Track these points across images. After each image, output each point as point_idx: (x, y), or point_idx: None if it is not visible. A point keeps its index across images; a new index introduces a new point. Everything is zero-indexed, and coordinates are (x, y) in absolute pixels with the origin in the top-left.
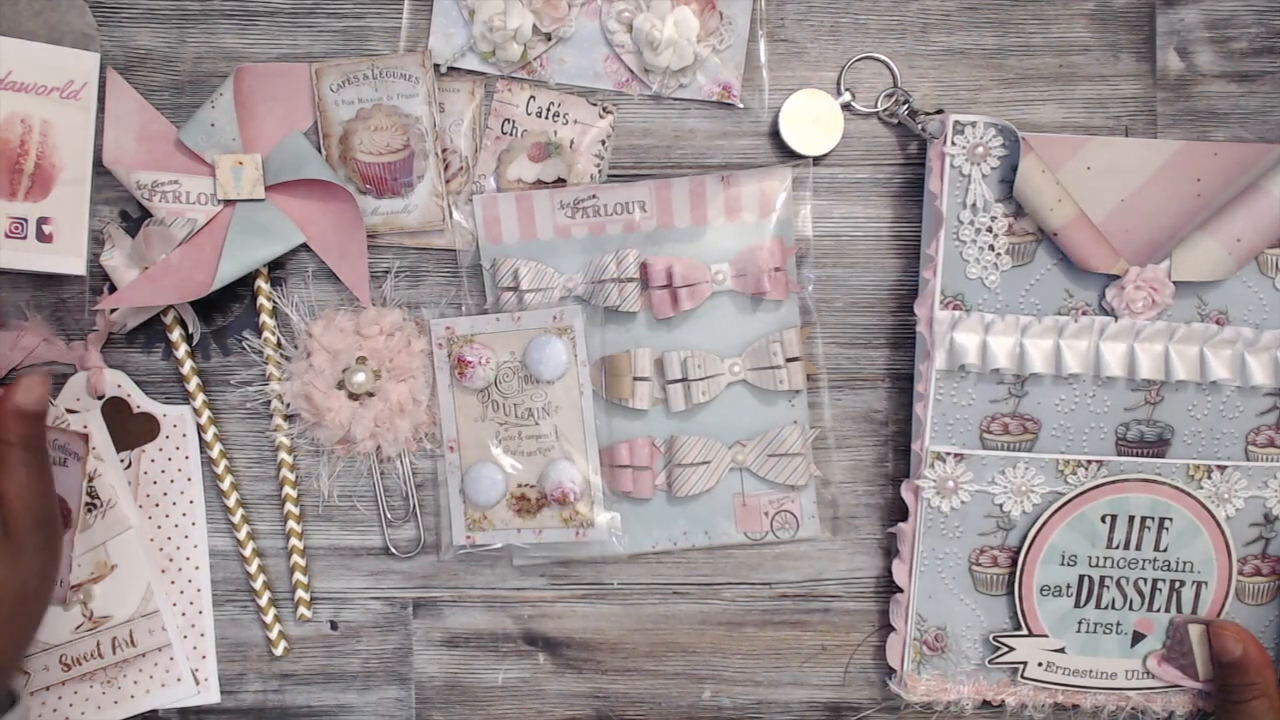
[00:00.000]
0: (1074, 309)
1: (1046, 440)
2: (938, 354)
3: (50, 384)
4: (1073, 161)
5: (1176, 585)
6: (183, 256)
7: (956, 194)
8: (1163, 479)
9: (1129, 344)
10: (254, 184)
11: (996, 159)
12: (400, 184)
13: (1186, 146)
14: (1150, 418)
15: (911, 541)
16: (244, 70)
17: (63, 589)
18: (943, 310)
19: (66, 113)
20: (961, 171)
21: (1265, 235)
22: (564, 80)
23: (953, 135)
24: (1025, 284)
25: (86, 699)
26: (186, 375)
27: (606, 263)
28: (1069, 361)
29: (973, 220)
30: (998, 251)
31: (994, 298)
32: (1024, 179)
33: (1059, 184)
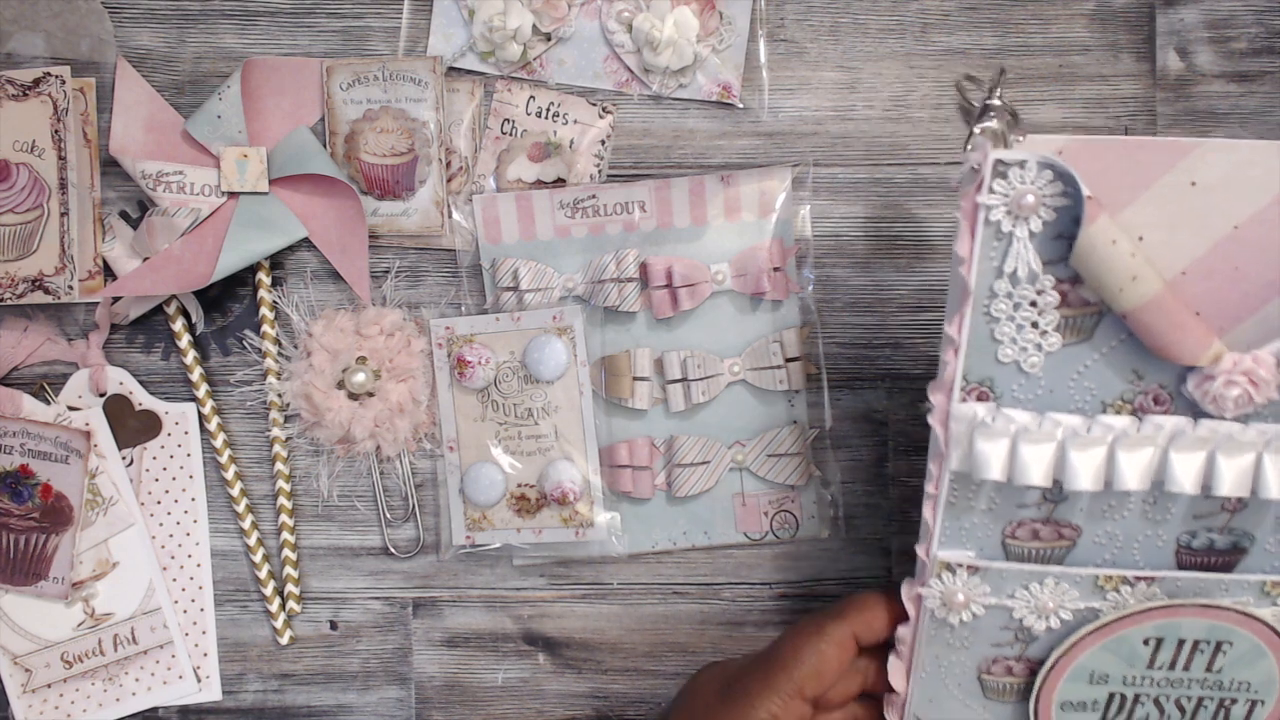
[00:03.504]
0: (1143, 395)
1: (1087, 548)
2: (953, 457)
3: None
4: (1172, 174)
5: (1227, 703)
6: (184, 247)
7: (991, 258)
8: (1226, 604)
9: (1209, 452)
10: (258, 177)
11: (1051, 210)
12: (402, 187)
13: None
14: (1227, 525)
15: (911, 646)
16: (252, 63)
17: (64, 586)
18: (963, 403)
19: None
20: (1000, 229)
21: None
22: (564, 80)
23: (991, 180)
24: (1078, 366)
25: (88, 696)
26: (189, 365)
27: (606, 263)
28: (1126, 477)
29: (1011, 293)
30: (1043, 329)
31: (1033, 384)
32: (1086, 251)
33: (1135, 254)
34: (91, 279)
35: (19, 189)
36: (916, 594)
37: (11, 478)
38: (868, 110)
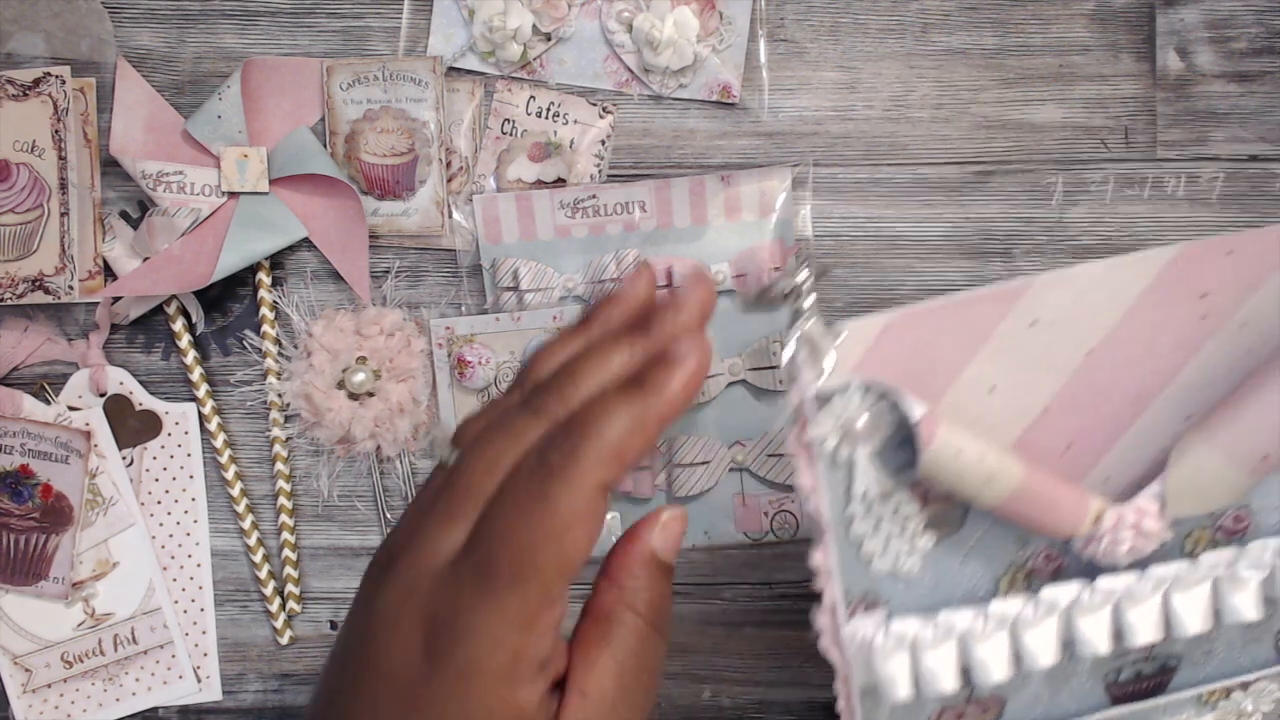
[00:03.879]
0: (1033, 558)
1: (1016, 712)
2: (856, 678)
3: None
4: (1009, 321)
5: None
6: (184, 247)
7: (838, 483)
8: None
9: (1114, 607)
10: (258, 177)
11: (887, 425)
12: (402, 188)
13: (1187, 250)
14: (1150, 653)
15: None
16: (252, 63)
17: (64, 586)
18: (848, 622)
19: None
20: (838, 457)
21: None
22: (564, 80)
23: (816, 414)
24: (959, 554)
25: (88, 696)
26: (189, 365)
27: (606, 263)
28: (1037, 657)
29: (869, 511)
30: (911, 533)
31: (917, 584)
32: (933, 471)
33: (984, 457)
34: (91, 279)
35: (19, 189)
36: None
37: (11, 478)
38: (868, 110)
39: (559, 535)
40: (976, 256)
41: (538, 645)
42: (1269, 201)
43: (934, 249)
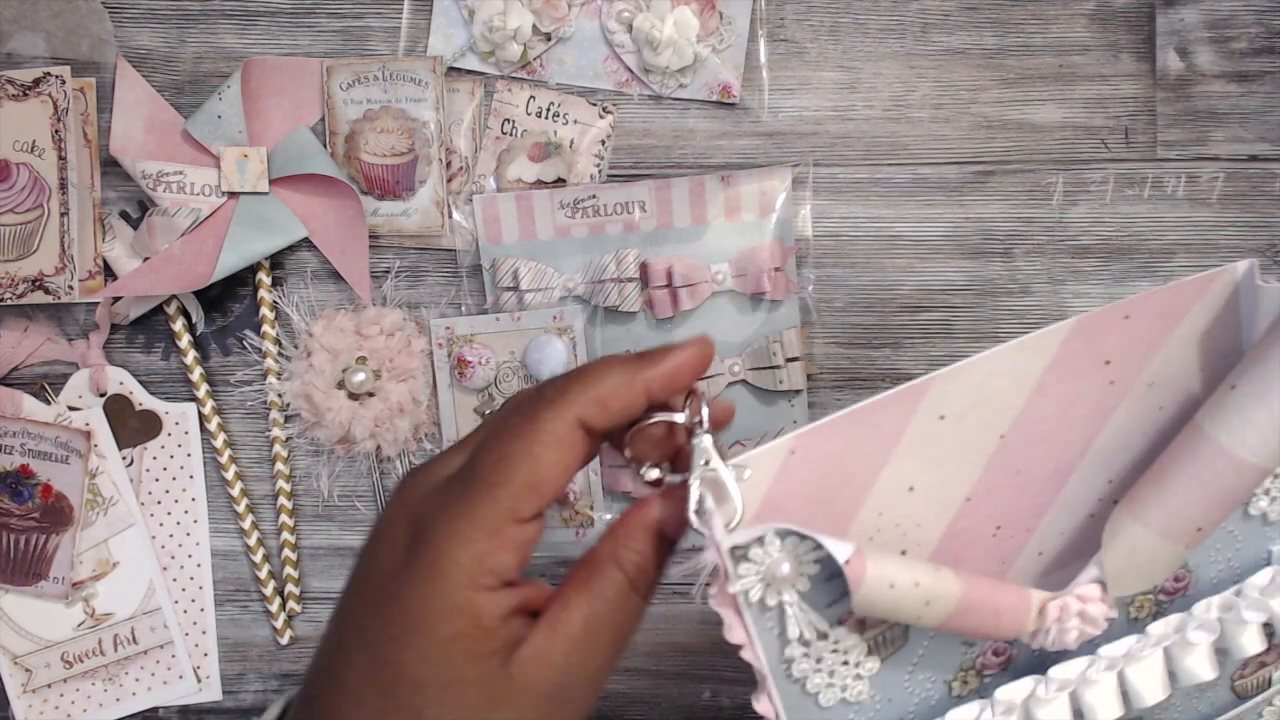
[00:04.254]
0: (980, 656)
1: None
2: None
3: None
4: (916, 420)
5: None
6: (184, 247)
7: (771, 629)
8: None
9: (1070, 694)
10: (258, 177)
11: (812, 565)
12: (402, 187)
13: (1084, 323)
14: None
15: None
16: (252, 63)
17: (64, 586)
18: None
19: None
20: (766, 604)
21: (1236, 507)
22: (564, 80)
23: (735, 570)
24: (905, 669)
25: (88, 696)
26: (189, 365)
27: (606, 263)
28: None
29: (806, 653)
30: (854, 662)
31: (868, 709)
32: (868, 608)
33: (920, 581)
34: (91, 279)
35: (19, 189)
36: None
37: (11, 478)
38: (868, 110)
39: (535, 453)
40: (976, 256)
41: (501, 557)
42: (1269, 201)
43: (934, 249)
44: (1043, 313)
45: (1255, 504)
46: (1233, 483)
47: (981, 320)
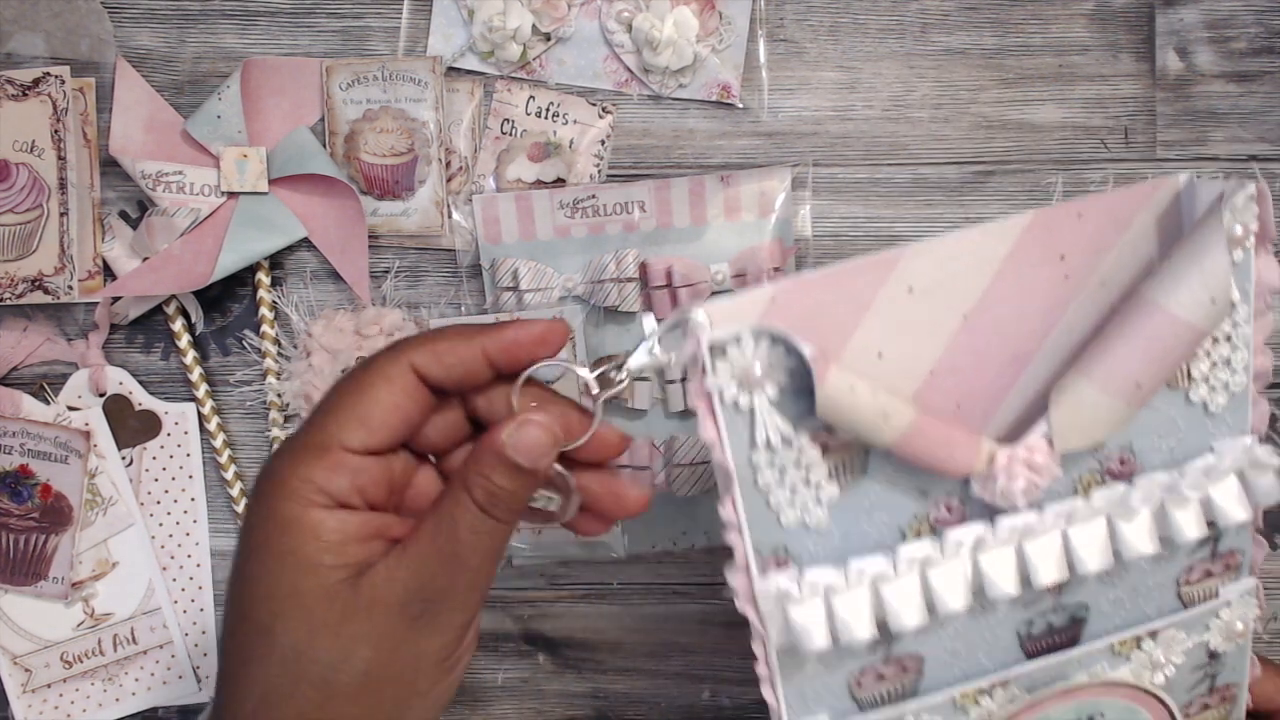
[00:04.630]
0: (935, 508)
1: (935, 671)
2: (773, 635)
3: (556, 440)
4: (887, 288)
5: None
6: (184, 247)
7: (741, 434)
8: (1082, 679)
9: (1017, 551)
10: (258, 177)
11: (784, 372)
12: (402, 188)
13: (1040, 217)
14: (1057, 604)
15: None
16: (252, 63)
17: (64, 586)
18: (763, 578)
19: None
20: (739, 406)
21: (1173, 367)
22: (563, 80)
23: (713, 363)
24: (864, 504)
25: (88, 696)
26: (189, 365)
27: (606, 263)
28: (948, 601)
29: (773, 461)
30: (815, 483)
31: (826, 537)
32: (829, 409)
33: (878, 393)
34: (91, 279)
35: (19, 189)
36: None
37: (11, 478)
38: (868, 110)
39: (362, 389)
40: None
41: (330, 477)
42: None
43: None
44: None
45: (1195, 391)
46: (1168, 338)
47: None
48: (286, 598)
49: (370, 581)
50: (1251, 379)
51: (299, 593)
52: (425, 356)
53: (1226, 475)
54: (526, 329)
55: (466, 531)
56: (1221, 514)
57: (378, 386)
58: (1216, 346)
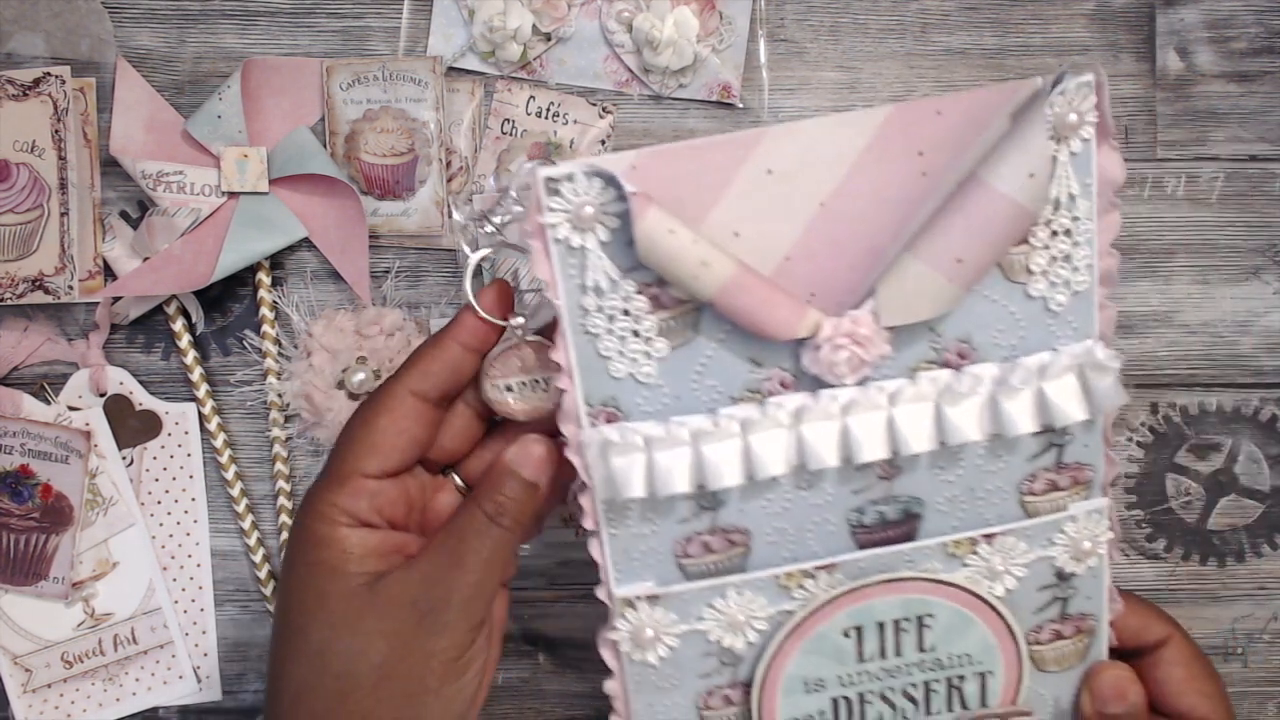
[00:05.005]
0: (767, 381)
1: (763, 550)
2: (598, 485)
3: (551, 457)
4: (747, 167)
5: (955, 681)
6: (184, 247)
7: (572, 275)
8: (911, 574)
9: (839, 423)
10: (258, 177)
11: (614, 217)
12: (402, 188)
13: (897, 112)
14: (889, 494)
15: (624, 700)
16: (252, 63)
17: (64, 586)
18: (591, 428)
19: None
20: (571, 245)
21: (996, 247)
22: (564, 80)
23: (547, 199)
24: (695, 367)
25: (88, 696)
26: (189, 365)
27: None
28: (766, 464)
29: (601, 306)
30: (645, 336)
31: (656, 395)
32: (648, 247)
33: (697, 240)
34: (91, 279)
35: (19, 189)
36: (610, 641)
37: (11, 478)
38: None
39: (369, 421)
40: None
41: (351, 501)
42: (1268, 201)
43: None
44: None
45: (1034, 285)
46: (988, 212)
47: None
48: (315, 600)
49: (385, 584)
50: (1097, 281)
51: (325, 595)
52: (415, 377)
53: (1064, 374)
54: (479, 302)
55: (472, 539)
56: (1059, 413)
57: (381, 416)
58: (1056, 240)
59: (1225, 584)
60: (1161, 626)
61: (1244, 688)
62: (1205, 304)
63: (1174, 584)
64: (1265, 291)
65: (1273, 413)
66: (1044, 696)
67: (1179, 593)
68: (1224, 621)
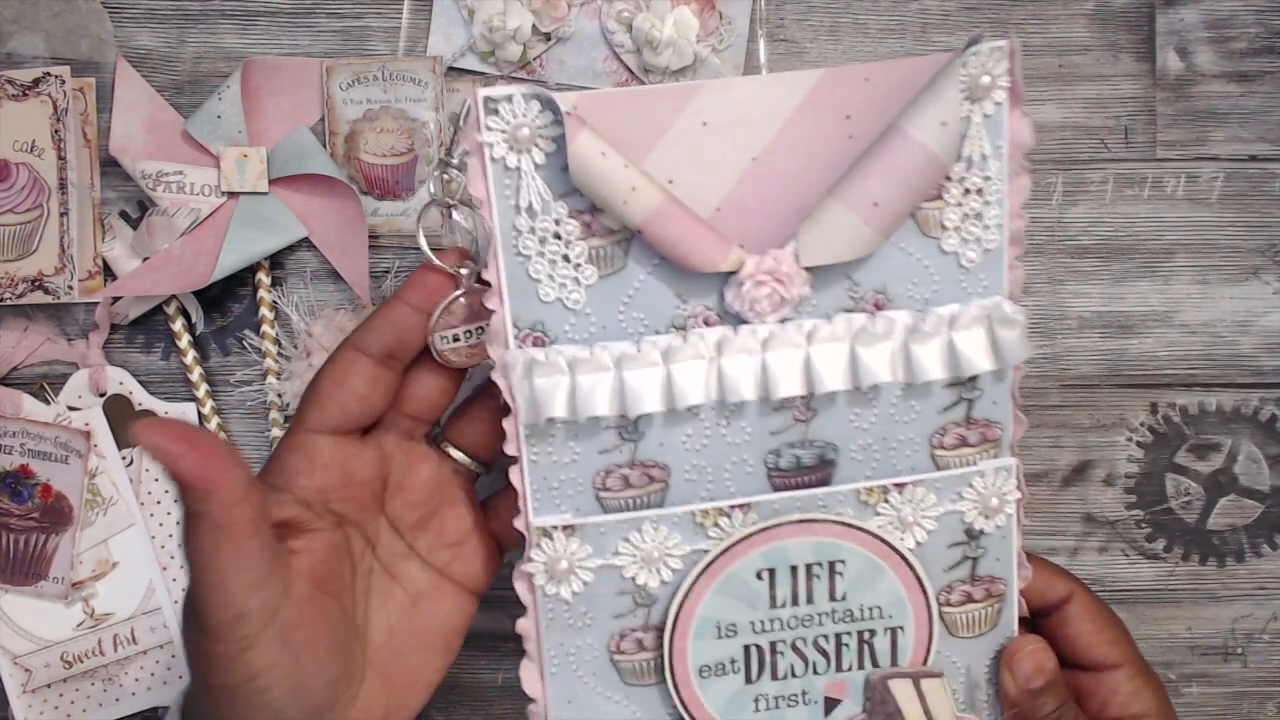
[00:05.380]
0: (692, 318)
1: (681, 487)
2: (520, 407)
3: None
4: (683, 118)
5: (866, 636)
6: (184, 247)
7: (507, 195)
8: (823, 516)
9: (758, 358)
10: (258, 177)
11: (551, 141)
12: (402, 188)
13: (829, 75)
14: (805, 438)
15: (536, 640)
16: (252, 63)
17: (64, 586)
18: (517, 349)
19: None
20: (507, 165)
21: (911, 193)
22: (564, 80)
23: (485, 117)
24: (622, 297)
25: (88, 696)
26: (189, 365)
27: None
28: (686, 393)
29: (533, 228)
30: (575, 262)
31: (583, 322)
32: (580, 169)
33: (628, 166)
34: (91, 279)
35: (19, 189)
36: (525, 574)
37: (11, 478)
38: None
39: (316, 379)
40: None
41: (287, 458)
42: (1268, 201)
43: None
44: (1043, 312)
45: (947, 240)
46: (902, 157)
47: None
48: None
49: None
50: (1007, 241)
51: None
52: (359, 334)
53: (973, 325)
54: (432, 261)
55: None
56: (966, 362)
57: (324, 374)
58: (968, 198)
59: (1225, 584)
60: (1064, 584)
61: (1244, 688)
62: (1205, 304)
63: (1174, 584)
64: (1265, 291)
65: (1273, 413)
66: (956, 664)
67: (1179, 593)
68: (1224, 621)
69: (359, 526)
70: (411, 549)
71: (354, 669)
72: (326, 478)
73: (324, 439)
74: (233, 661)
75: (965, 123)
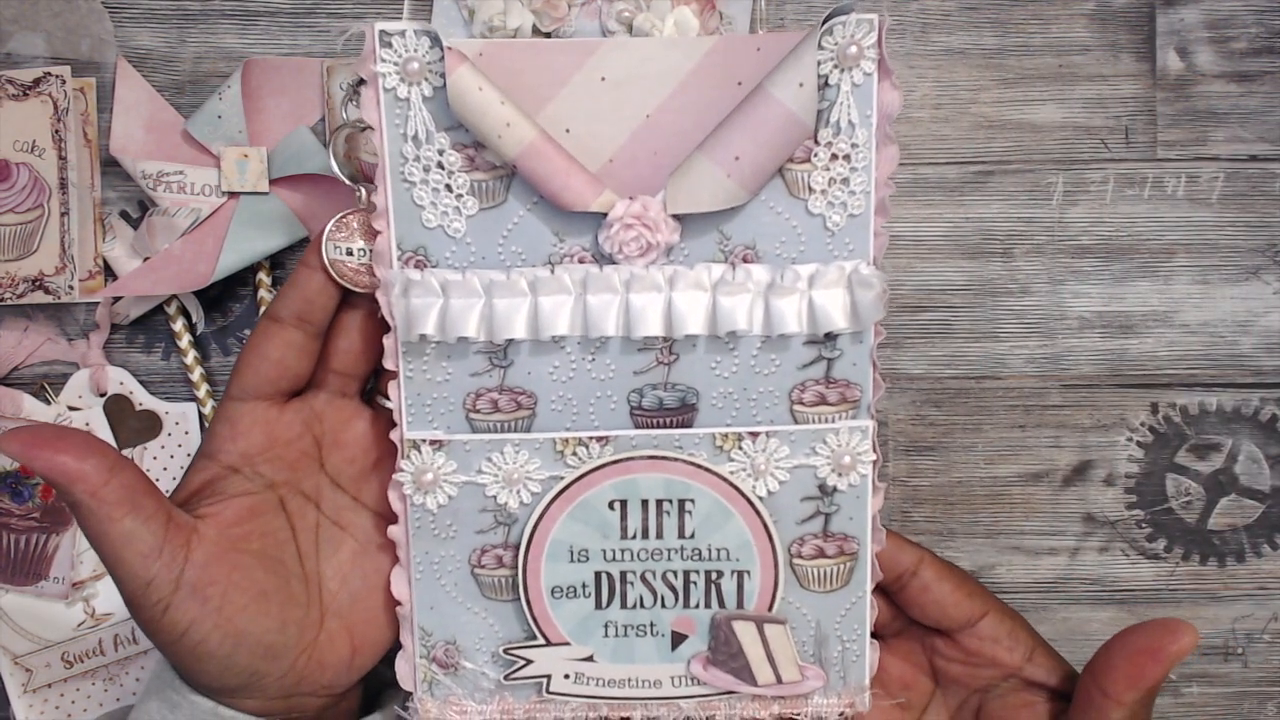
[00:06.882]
0: (567, 258)
1: (547, 416)
2: (397, 324)
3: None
4: (583, 72)
5: (714, 576)
6: (185, 247)
7: (397, 125)
8: (676, 455)
9: (621, 297)
10: (258, 177)
11: (439, 76)
12: None
13: (723, 42)
14: (667, 380)
15: (405, 546)
16: (252, 63)
17: (64, 586)
18: (398, 268)
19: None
20: (398, 95)
21: (771, 150)
22: None
23: (380, 49)
24: (501, 231)
25: (88, 696)
26: (190, 365)
27: None
28: (552, 322)
29: (419, 156)
30: (457, 193)
31: (463, 250)
32: (458, 100)
33: (506, 102)
34: (91, 279)
35: (19, 189)
36: (396, 484)
37: (11, 478)
38: None
39: (242, 352)
40: (976, 256)
41: (218, 427)
42: (1269, 201)
43: (933, 249)
44: (1043, 312)
45: (814, 203)
46: (763, 114)
47: (981, 320)
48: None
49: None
50: (873, 208)
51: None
52: (274, 302)
53: (833, 285)
54: (338, 178)
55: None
56: (824, 318)
57: (245, 348)
58: (835, 163)
59: (1225, 584)
60: (913, 550)
61: (1244, 688)
62: (1205, 304)
63: (1174, 584)
64: (1265, 291)
65: (1273, 413)
66: (806, 615)
67: (1179, 593)
68: (1224, 621)
69: (294, 485)
70: (358, 500)
71: (304, 615)
72: (249, 442)
73: (245, 405)
74: (160, 623)
75: (835, 90)
